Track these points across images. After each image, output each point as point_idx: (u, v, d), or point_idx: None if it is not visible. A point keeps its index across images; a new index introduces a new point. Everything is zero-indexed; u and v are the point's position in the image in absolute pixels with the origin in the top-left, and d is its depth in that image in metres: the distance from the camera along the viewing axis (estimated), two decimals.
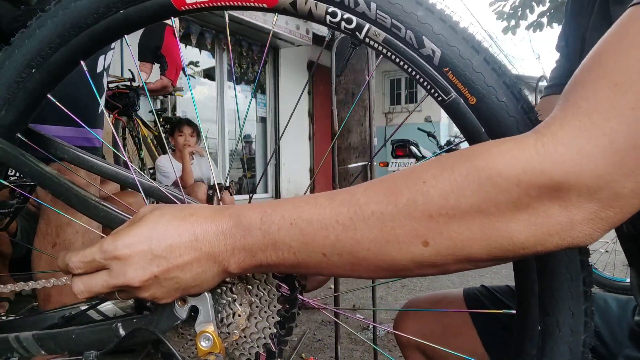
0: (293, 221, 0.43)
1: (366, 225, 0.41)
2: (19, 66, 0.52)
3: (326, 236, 0.42)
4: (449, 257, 0.40)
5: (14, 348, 0.58)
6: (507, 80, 0.42)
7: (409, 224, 0.39)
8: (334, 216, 0.42)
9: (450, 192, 0.38)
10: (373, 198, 0.41)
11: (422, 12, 0.41)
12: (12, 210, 1.58)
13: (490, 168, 0.37)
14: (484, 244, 0.38)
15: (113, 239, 0.46)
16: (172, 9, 0.47)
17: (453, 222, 0.38)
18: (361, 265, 0.42)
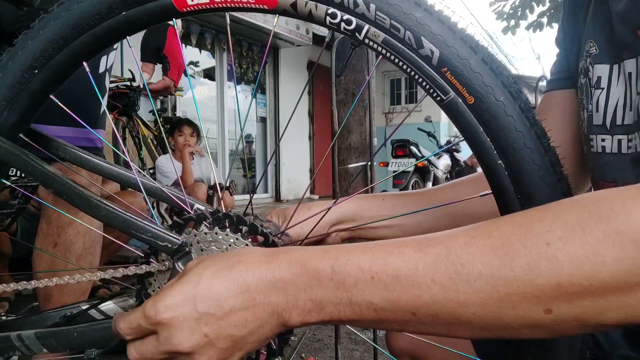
0: (375, 275, 0.38)
1: (472, 288, 0.35)
2: (22, 67, 0.53)
3: (418, 295, 0.36)
4: (574, 324, 0.35)
5: (16, 346, 0.59)
6: (505, 79, 0.42)
7: (529, 292, 0.34)
8: (428, 274, 0.36)
9: (585, 258, 0.33)
10: (479, 257, 0.36)
11: (420, 13, 0.41)
12: (14, 210, 1.58)
13: (633, 232, 0.32)
14: (621, 313, 0.34)
15: (154, 302, 0.41)
16: (173, 10, 0.47)
17: (586, 293, 0.33)
18: (461, 327, 0.37)
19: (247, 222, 0.55)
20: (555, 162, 0.44)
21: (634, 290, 0.32)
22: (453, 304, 0.36)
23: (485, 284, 0.35)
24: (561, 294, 0.33)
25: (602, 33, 0.64)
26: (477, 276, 0.35)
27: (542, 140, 0.43)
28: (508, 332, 0.36)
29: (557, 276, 0.33)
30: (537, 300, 0.34)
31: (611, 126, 0.63)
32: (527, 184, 0.43)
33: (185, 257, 0.54)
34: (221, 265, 0.41)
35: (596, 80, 0.64)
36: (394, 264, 0.38)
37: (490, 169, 0.45)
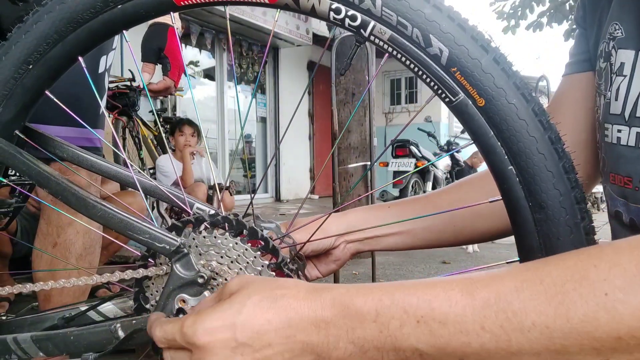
0: (420, 319, 0.36)
1: (525, 338, 0.33)
2: (16, 62, 0.51)
3: (467, 343, 0.35)
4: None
5: (12, 350, 0.58)
6: (518, 81, 0.41)
7: (587, 344, 0.32)
8: (477, 321, 0.34)
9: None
10: (531, 305, 0.34)
11: (429, 9, 0.40)
12: (12, 209, 1.58)
13: None
14: None
15: (194, 322, 0.40)
16: (171, 4, 0.46)
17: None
18: None
19: (247, 226, 0.54)
20: (569, 169, 0.42)
21: None
22: (505, 354, 0.34)
23: (540, 335, 0.33)
24: (621, 346, 0.32)
25: (630, 16, 0.60)
26: (530, 326, 0.33)
27: (556, 146, 0.41)
28: None
29: (618, 329, 0.31)
30: (596, 352, 0.32)
31: (630, 117, 0.59)
32: (539, 191, 0.42)
33: (184, 259, 0.53)
34: (265, 295, 0.40)
35: (619, 66, 0.61)
36: (440, 309, 0.36)
37: (501, 175, 0.43)
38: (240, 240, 0.53)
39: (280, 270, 0.54)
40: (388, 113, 10.29)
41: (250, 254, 0.53)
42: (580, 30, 0.72)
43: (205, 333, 0.39)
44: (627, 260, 0.33)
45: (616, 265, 0.33)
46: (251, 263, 0.53)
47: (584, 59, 0.71)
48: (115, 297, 0.70)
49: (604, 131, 0.64)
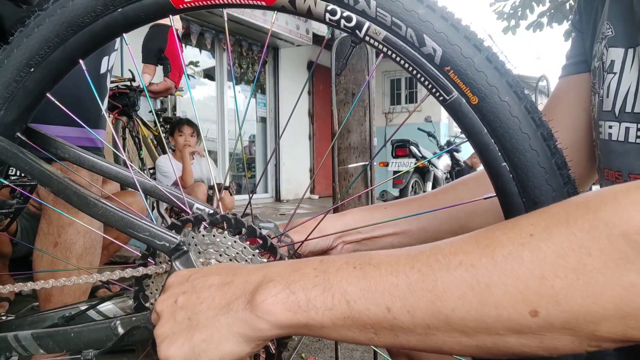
0: (357, 265, 0.36)
1: (451, 277, 0.33)
2: (18, 65, 0.52)
3: (395, 284, 0.34)
4: (565, 335, 0.31)
5: (12, 347, 0.58)
6: (510, 79, 0.41)
7: (511, 284, 0.31)
8: (408, 263, 0.35)
9: (568, 249, 0.30)
10: (461, 247, 0.34)
11: (423, 10, 0.41)
12: (13, 210, 1.58)
13: (623, 222, 0.30)
14: (619, 323, 0.30)
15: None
16: (170, 7, 0.47)
17: (574, 289, 0.30)
18: (440, 331, 0.34)
19: (245, 224, 0.54)
20: (562, 164, 0.43)
21: (629, 292, 0.29)
22: (430, 296, 0.33)
23: (465, 272, 0.33)
24: (546, 290, 0.31)
25: (620, 15, 0.61)
26: (457, 265, 0.33)
27: (549, 142, 0.42)
28: (493, 341, 0.33)
29: (541, 267, 0.31)
30: (520, 297, 0.31)
31: (620, 113, 0.60)
32: (533, 187, 0.42)
33: (183, 256, 0.54)
34: (223, 270, 0.44)
35: (609, 64, 0.62)
36: (378, 257, 0.37)
37: (495, 172, 0.44)
38: (238, 239, 0.53)
39: None
40: (388, 113, 10.28)
41: (248, 252, 0.53)
42: (577, 33, 0.73)
43: (174, 275, 0.45)
44: (556, 206, 0.34)
45: (545, 212, 0.34)
46: (249, 261, 0.53)
47: (579, 60, 0.72)
48: (115, 296, 0.71)
49: (599, 128, 0.64)
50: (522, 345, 0.33)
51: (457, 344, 0.34)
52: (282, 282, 0.37)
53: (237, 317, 0.38)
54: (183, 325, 0.40)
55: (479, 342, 0.34)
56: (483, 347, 0.34)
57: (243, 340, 0.38)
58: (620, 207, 0.30)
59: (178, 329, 0.40)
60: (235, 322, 0.38)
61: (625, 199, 0.31)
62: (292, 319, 0.36)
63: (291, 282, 0.37)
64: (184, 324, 0.40)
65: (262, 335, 0.38)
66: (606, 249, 0.30)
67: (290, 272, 0.38)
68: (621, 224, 0.30)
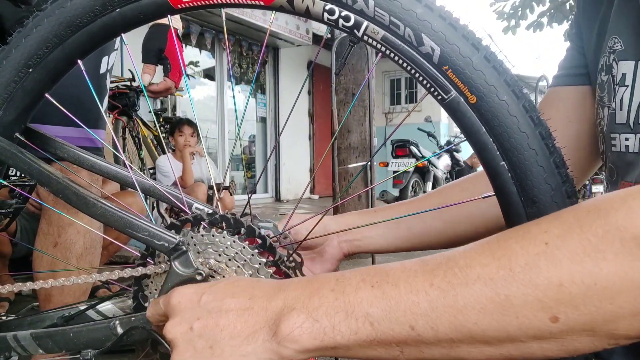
0: (375, 284, 0.37)
1: (471, 291, 0.34)
2: (17, 66, 0.52)
3: (416, 302, 0.35)
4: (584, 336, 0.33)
5: (11, 347, 0.58)
6: (508, 78, 0.41)
7: (530, 294, 0.32)
8: (427, 279, 0.35)
9: (584, 254, 0.31)
10: (476, 259, 0.35)
11: (421, 9, 0.41)
12: (12, 210, 1.58)
13: (634, 227, 0.31)
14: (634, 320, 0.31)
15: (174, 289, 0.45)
16: (168, 6, 0.47)
17: (592, 293, 0.31)
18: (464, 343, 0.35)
19: (244, 224, 0.54)
20: (560, 163, 0.43)
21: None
22: (452, 311, 0.34)
23: (484, 286, 0.34)
24: (565, 296, 0.32)
25: (628, 28, 0.62)
26: (475, 278, 0.34)
27: (547, 141, 0.42)
28: (516, 348, 0.34)
29: (558, 274, 0.32)
30: (540, 305, 0.32)
31: (634, 124, 0.61)
32: (531, 186, 0.42)
33: (182, 256, 0.54)
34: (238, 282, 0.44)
35: (620, 77, 0.63)
36: (394, 274, 0.37)
37: (493, 171, 0.44)
38: (237, 239, 0.53)
39: (277, 267, 0.54)
40: (388, 113, 10.28)
41: (247, 252, 0.53)
42: (573, 45, 0.74)
43: (179, 294, 0.44)
44: (566, 213, 0.35)
45: (556, 218, 0.35)
46: (248, 261, 0.53)
47: (573, 73, 0.73)
48: (115, 296, 0.71)
49: (611, 141, 0.65)
50: (544, 350, 0.34)
51: (481, 354, 0.35)
52: (304, 310, 0.38)
53: (264, 347, 0.39)
54: (206, 354, 0.40)
55: (502, 351, 0.35)
56: (506, 354, 0.35)
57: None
58: (630, 211, 0.31)
59: (200, 358, 0.40)
60: (264, 351, 0.39)
61: (634, 202, 0.32)
62: (319, 345, 0.37)
63: (313, 309, 0.38)
64: (206, 352, 0.40)
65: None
66: (620, 252, 0.31)
67: (309, 297, 0.39)
68: (632, 227, 0.31)
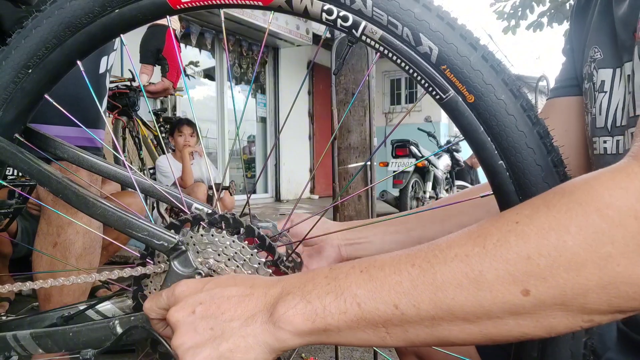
0: (364, 269, 0.39)
1: (448, 268, 0.36)
2: (16, 66, 0.52)
3: (399, 282, 0.37)
4: (557, 309, 0.34)
5: (11, 346, 0.58)
6: (506, 77, 0.41)
7: (502, 268, 0.34)
8: (409, 260, 0.38)
9: (549, 229, 0.34)
10: (456, 241, 0.37)
11: (419, 9, 0.41)
12: (12, 210, 1.58)
13: (595, 201, 0.33)
14: (602, 293, 0.33)
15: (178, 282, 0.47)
16: (167, 7, 0.47)
17: (558, 264, 0.33)
18: (445, 320, 0.37)
19: (244, 224, 0.54)
20: (558, 162, 0.43)
21: (607, 263, 0.32)
22: (432, 288, 0.36)
23: (460, 263, 0.36)
24: (533, 268, 0.34)
25: (606, 38, 0.65)
26: (452, 257, 0.37)
27: (545, 140, 0.42)
28: (494, 325, 0.36)
29: (526, 248, 0.34)
30: (511, 279, 0.34)
31: (612, 128, 0.64)
32: (529, 185, 0.43)
33: (182, 256, 0.54)
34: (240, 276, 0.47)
35: (600, 84, 0.66)
36: (382, 259, 0.40)
37: (491, 170, 0.44)
38: (237, 238, 0.54)
39: (276, 267, 0.55)
40: (388, 113, 10.28)
41: (246, 251, 0.53)
42: (567, 59, 0.78)
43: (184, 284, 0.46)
44: (536, 198, 0.37)
45: (527, 202, 0.37)
46: (248, 260, 0.53)
47: (569, 84, 0.76)
48: (114, 296, 0.71)
49: (593, 145, 0.68)
50: (521, 326, 0.36)
51: (462, 333, 0.37)
52: (299, 293, 0.40)
53: (262, 329, 0.41)
54: (206, 336, 0.42)
55: (481, 328, 0.37)
56: (486, 332, 0.37)
57: (267, 350, 0.41)
58: (591, 188, 0.34)
59: (201, 339, 0.42)
60: (262, 332, 0.41)
61: (595, 181, 0.34)
62: (311, 326, 0.39)
63: (307, 292, 0.40)
64: (206, 334, 0.42)
65: (285, 345, 0.40)
66: (583, 225, 0.33)
67: (304, 283, 0.41)
68: (593, 201, 0.33)
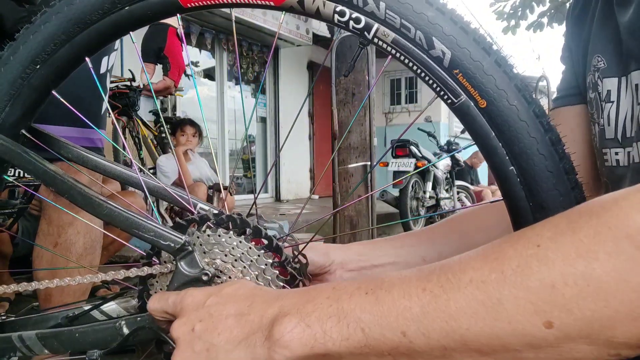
0: (370, 291, 0.36)
1: (462, 295, 0.33)
2: (24, 62, 0.52)
3: (408, 307, 0.34)
4: (582, 342, 0.31)
5: (16, 347, 0.58)
6: (519, 83, 0.41)
7: (522, 297, 0.31)
8: (420, 285, 0.35)
9: (576, 255, 0.31)
10: (470, 264, 0.34)
11: (432, 12, 0.41)
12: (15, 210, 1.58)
13: (625, 225, 0.30)
14: (632, 326, 0.30)
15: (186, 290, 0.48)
16: (177, 5, 0.47)
17: (585, 295, 0.30)
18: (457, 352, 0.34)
19: (251, 225, 0.54)
20: (569, 169, 0.43)
21: (639, 294, 0.29)
22: (444, 316, 0.33)
23: (476, 290, 0.33)
24: (557, 298, 0.31)
25: (609, 46, 0.64)
26: (467, 282, 0.33)
27: (557, 147, 0.42)
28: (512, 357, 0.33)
29: (551, 276, 0.31)
30: (533, 309, 0.31)
31: (622, 139, 0.62)
32: (540, 191, 0.42)
33: (188, 256, 0.54)
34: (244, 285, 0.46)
35: (606, 94, 0.64)
36: (390, 280, 0.37)
37: (502, 175, 0.44)
38: (244, 239, 0.53)
39: (283, 268, 0.54)
40: (388, 113, 10.28)
41: (253, 252, 0.53)
42: (567, 67, 0.76)
43: (189, 296, 0.46)
44: (559, 216, 0.34)
45: (549, 222, 0.34)
46: (255, 261, 0.53)
47: (572, 93, 0.75)
48: (119, 296, 0.71)
49: (603, 156, 0.66)
50: (541, 359, 0.33)
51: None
52: (297, 315, 0.38)
53: (256, 352, 0.39)
54: (202, 356, 0.41)
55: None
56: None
57: None
58: (621, 210, 0.31)
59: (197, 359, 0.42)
60: (255, 357, 0.39)
61: (625, 202, 0.31)
62: (309, 352, 0.37)
63: (306, 314, 0.38)
64: (202, 355, 0.41)
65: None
66: (613, 252, 0.30)
67: (304, 303, 0.38)
68: (624, 226, 0.30)
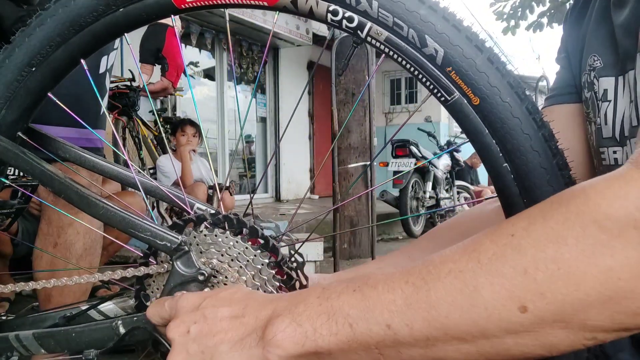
0: (357, 288, 0.38)
1: (442, 285, 0.35)
2: (20, 65, 0.52)
3: (392, 300, 0.36)
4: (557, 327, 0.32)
5: (14, 347, 0.58)
6: (512, 80, 0.41)
7: (497, 283, 0.33)
8: (403, 278, 0.37)
9: (546, 241, 0.32)
10: (450, 256, 0.36)
11: (424, 10, 0.41)
12: (14, 210, 1.58)
13: (592, 211, 0.32)
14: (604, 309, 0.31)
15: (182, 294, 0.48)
16: (172, 7, 0.47)
17: (556, 279, 0.31)
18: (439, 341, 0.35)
19: (247, 225, 0.54)
20: (563, 165, 0.43)
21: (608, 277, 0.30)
22: (425, 306, 0.35)
23: (454, 279, 0.35)
24: (530, 283, 0.32)
25: (605, 46, 0.64)
26: (447, 273, 0.35)
27: (550, 143, 0.42)
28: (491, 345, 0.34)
29: (523, 262, 0.33)
30: (507, 294, 0.33)
31: (620, 138, 0.62)
32: (534, 188, 0.43)
33: (185, 256, 0.54)
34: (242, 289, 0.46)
35: (602, 93, 0.64)
36: (375, 278, 0.39)
37: (496, 172, 0.44)
38: (240, 239, 0.54)
39: (280, 268, 0.55)
40: (388, 113, 10.28)
41: (250, 252, 0.53)
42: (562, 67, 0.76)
43: (184, 299, 0.46)
44: (533, 208, 0.36)
45: (523, 213, 0.36)
46: (251, 261, 0.53)
47: (567, 92, 0.75)
48: (116, 296, 0.71)
49: (601, 155, 0.66)
50: (520, 345, 0.34)
51: (458, 353, 0.36)
52: (289, 315, 0.39)
53: (250, 354, 0.40)
54: (197, 359, 0.42)
55: (478, 348, 0.35)
56: (483, 352, 0.35)
57: None
58: (588, 198, 0.33)
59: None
60: (250, 357, 0.40)
61: (592, 189, 0.33)
62: (301, 350, 0.38)
63: (297, 314, 0.39)
64: (197, 357, 0.42)
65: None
66: (580, 236, 0.32)
67: (296, 304, 0.40)
68: (591, 212, 0.32)
